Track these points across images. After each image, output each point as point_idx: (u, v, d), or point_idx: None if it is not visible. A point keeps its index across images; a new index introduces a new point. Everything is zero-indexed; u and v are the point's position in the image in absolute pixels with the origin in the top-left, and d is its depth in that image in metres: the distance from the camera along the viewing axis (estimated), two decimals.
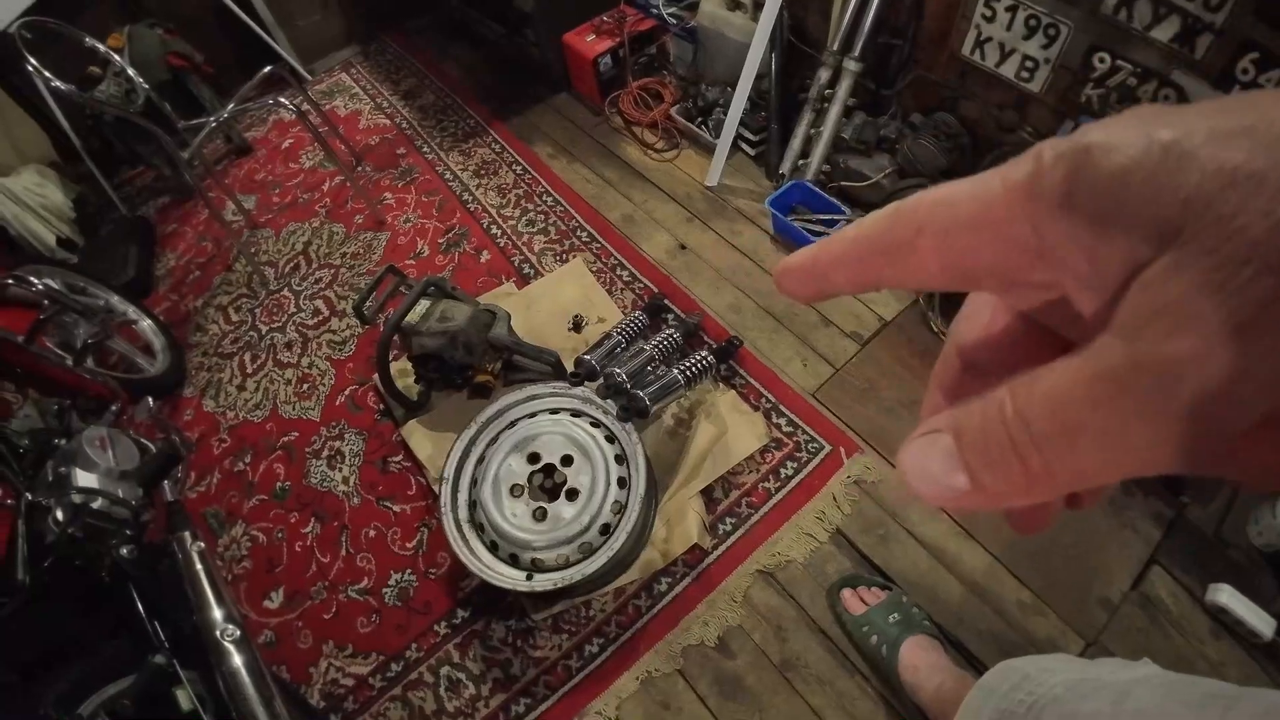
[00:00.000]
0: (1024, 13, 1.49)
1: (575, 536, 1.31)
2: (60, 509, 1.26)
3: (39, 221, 2.47)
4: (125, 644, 1.28)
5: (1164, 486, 1.45)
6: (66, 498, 1.27)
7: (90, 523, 1.26)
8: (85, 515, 1.26)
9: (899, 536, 1.44)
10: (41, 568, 1.20)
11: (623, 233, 2.00)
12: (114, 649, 1.28)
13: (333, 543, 1.63)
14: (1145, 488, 1.45)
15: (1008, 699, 0.68)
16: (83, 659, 1.23)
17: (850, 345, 1.70)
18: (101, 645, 1.29)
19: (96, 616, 1.32)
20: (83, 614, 1.31)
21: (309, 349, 1.98)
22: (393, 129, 2.54)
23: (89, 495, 1.29)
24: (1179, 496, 1.44)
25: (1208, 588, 1.31)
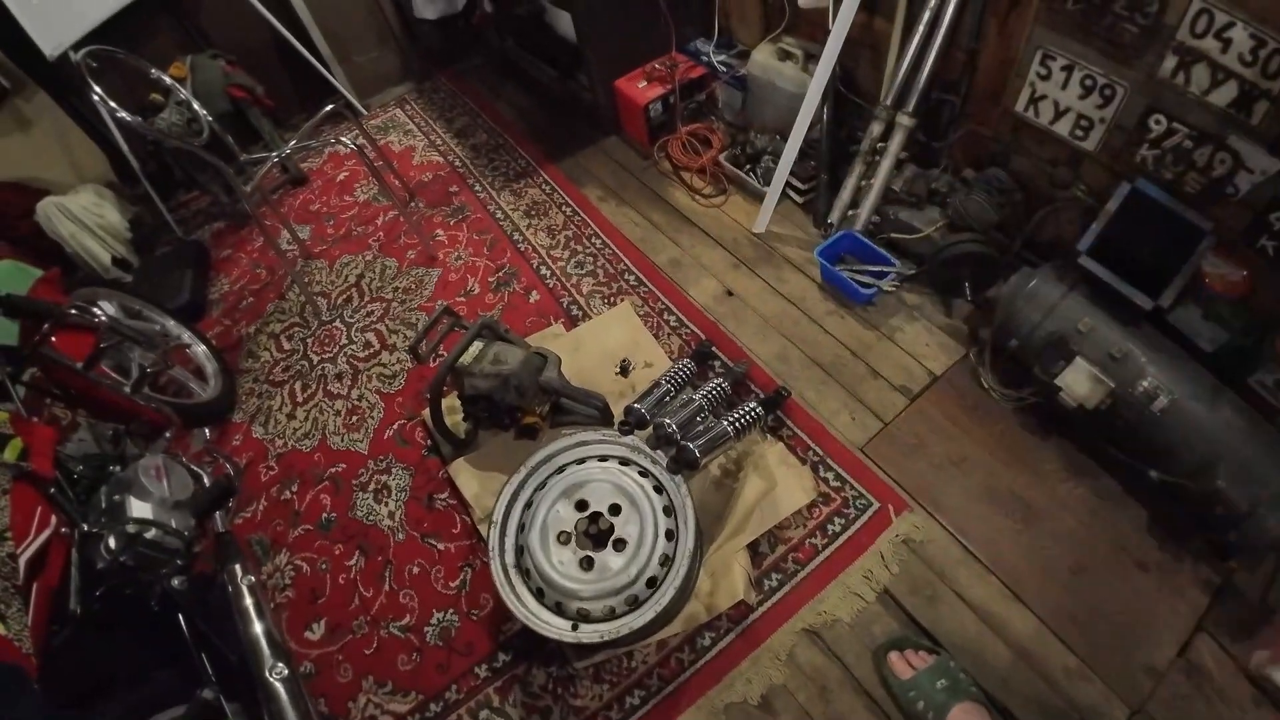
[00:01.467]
0: (1080, 73, 1.49)
1: (622, 588, 1.31)
2: (113, 537, 1.27)
3: (95, 240, 2.55)
4: (174, 674, 1.29)
5: (1213, 552, 1.42)
6: (120, 527, 1.28)
7: (142, 552, 1.27)
8: (138, 544, 1.27)
9: (947, 598, 1.42)
10: (93, 596, 1.21)
11: (670, 277, 2.02)
12: (163, 679, 1.28)
13: (376, 577, 1.64)
14: (1195, 553, 1.42)
15: None
16: (133, 688, 1.24)
17: (899, 399, 1.69)
18: (151, 674, 1.30)
19: (146, 646, 1.32)
20: (133, 643, 1.31)
21: (359, 381, 2.02)
22: (445, 166, 2.60)
23: (142, 525, 1.30)
24: (1226, 562, 1.41)
25: (1253, 656, 1.28)
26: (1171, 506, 1.45)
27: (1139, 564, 1.44)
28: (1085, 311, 1.49)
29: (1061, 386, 1.49)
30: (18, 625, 1.07)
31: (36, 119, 2.59)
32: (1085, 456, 1.57)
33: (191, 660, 1.29)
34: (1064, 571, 1.43)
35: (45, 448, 1.40)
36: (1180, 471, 1.39)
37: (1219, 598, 1.37)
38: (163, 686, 1.27)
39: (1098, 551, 1.45)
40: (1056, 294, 1.53)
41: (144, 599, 1.28)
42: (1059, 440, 1.59)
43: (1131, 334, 1.45)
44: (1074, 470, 1.55)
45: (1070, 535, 1.47)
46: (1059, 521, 1.49)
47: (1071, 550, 1.45)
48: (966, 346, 1.76)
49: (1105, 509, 1.50)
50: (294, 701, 1.22)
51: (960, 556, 1.47)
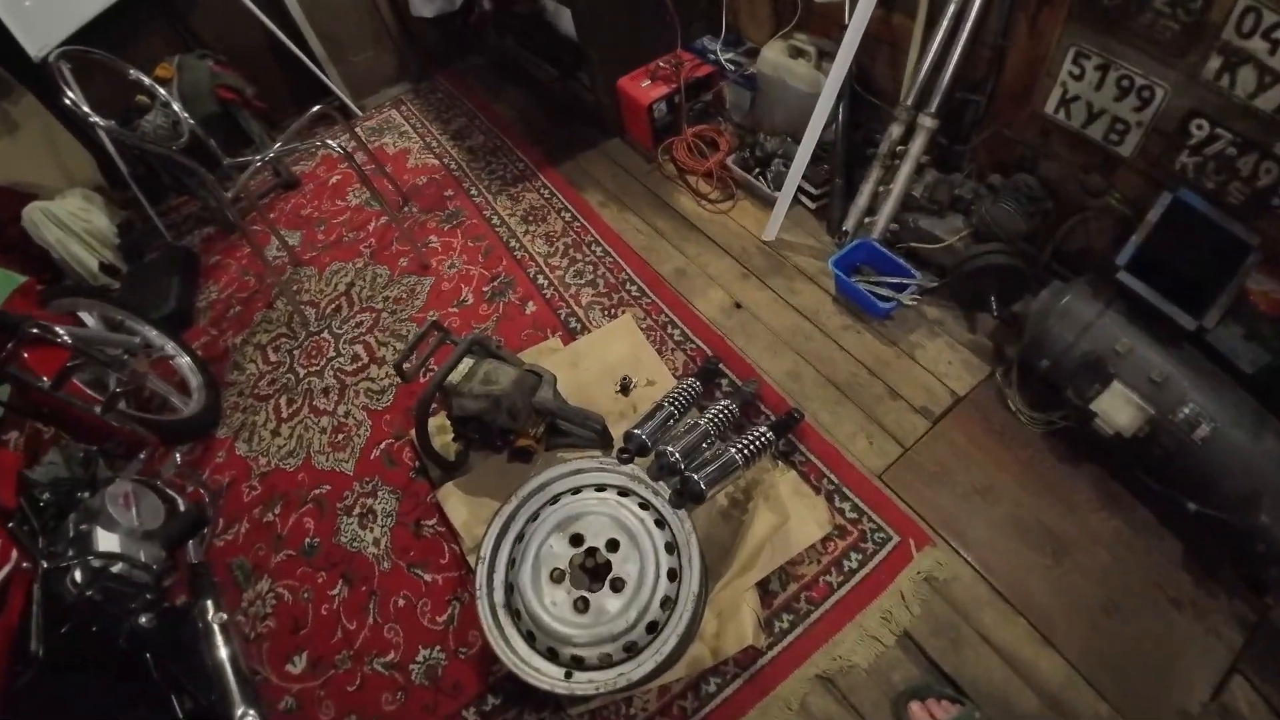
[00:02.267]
0: (1116, 73, 1.38)
1: (620, 634, 1.20)
2: (79, 570, 1.21)
3: (83, 246, 2.46)
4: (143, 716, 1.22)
5: (1249, 588, 1.32)
6: (85, 560, 1.22)
7: (110, 586, 1.21)
8: (105, 579, 1.21)
9: (972, 641, 1.31)
10: (57, 635, 1.13)
11: (675, 288, 1.92)
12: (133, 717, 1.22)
13: (360, 609, 1.55)
14: (1230, 589, 1.33)
15: None
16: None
17: (920, 422, 1.58)
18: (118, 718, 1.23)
19: (114, 687, 1.25)
20: (100, 685, 1.23)
21: (346, 397, 1.92)
22: (441, 170, 2.50)
23: (109, 559, 1.24)
24: (1263, 598, 1.31)
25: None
26: (1208, 540, 1.35)
27: (1173, 601, 1.34)
28: (1123, 331, 1.38)
29: (1098, 412, 1.38)
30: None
31: (24, 122, 2.50)
32: (1118, 485, 1.46)
33: (161, 701, 1.22)
34: (1095, 611, 1.33)
35: (7, 475, 1.32)
36: (1220, 504, 1.29)
37: (1255, 636, 1.28)
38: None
39: (1131, 588, 1.35)
40: (1092, 312, 1.42)
41: (111, 637, 1.20)
42: (1090, 468, 1.49)
43: (1172, 356, 1.34)
44: (1106, 501, 1.44)
45: (1102, 571, 1.37)
46: (1090, 556, 1.38)
47: (1103, 587, 1.35)
48: (992, 365, 1.64)
49: (1139, 543, 1.39)
50: None
51: (986, 596, 1.36)
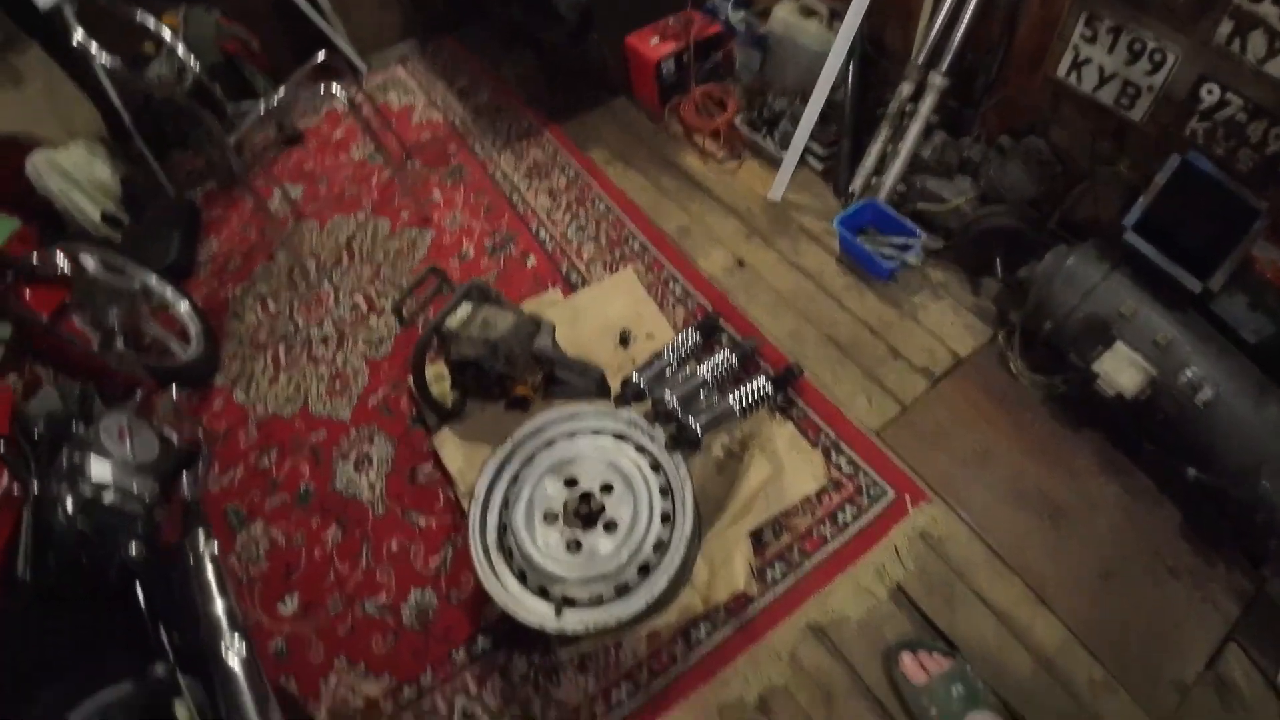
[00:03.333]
0: (1128, 36, 1.36)
1: (611, 574, 1.20)
2: (70, 500, 1.20)
3: (85, 197, 2.45)
4: (126, 649, 1.21)
5: (1247, 559, 1.32)
6: (77, 488, 1.21)
7: (101, 518, 1.20)
8: (96, 509, 1.20)
9: (966, 599, 1.31)
10: (46, 564, 1.14)
11: (678, 245, 1.90)
12: (118, 657, 1.20)
13: (353, 553, 1.55)
14: (1228, 560, 1.32)
15: None
16: (82, 663, 1.16)
17: (920, 381, 1.56)
18: (103, 649, 1.22)
19: (101, 622, 1.24)
20: (86, 618, 1.22)
21: (345, 346, 1.91)
22: (445, 126, 2.48)
23: (101, 488, 1.23)
24: (1259, 568, 1.31)
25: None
26: (1206, 509, 1.34)
27: (1170, 570, 1.33)
28: (1128, 294, 1.37)
29: (1099, 373, 1.37)
30: None
31: (29, 73, 2.48)
32: (1118, 452, 1.45)
33: (147, 638, 1.22)
34: (1092, 575, 1.32)
35: (1, 405, 1.32)
36: (1220, 472, 1.28)
37: (1251, 608, 1.27)
38: (114, 662, 1.18)
39: (1128, 555, 1.34)
40: (1097, 274, 1.41)
41: (101, 571, 1.19)
42: (1090, 433, 1.47)
43: (1177, 320, 1.33)
44: (1106, 467, 1.44)
45: (1100, 538, 1.36)
46: (1089, 522, 1.37)
47: (1101, 554, 1.34)
48: (994, 328, 1.63)
49: (1138, 509, 1.39)
50: (251, 682, 1.12)
51: (982, 556, 1.35)
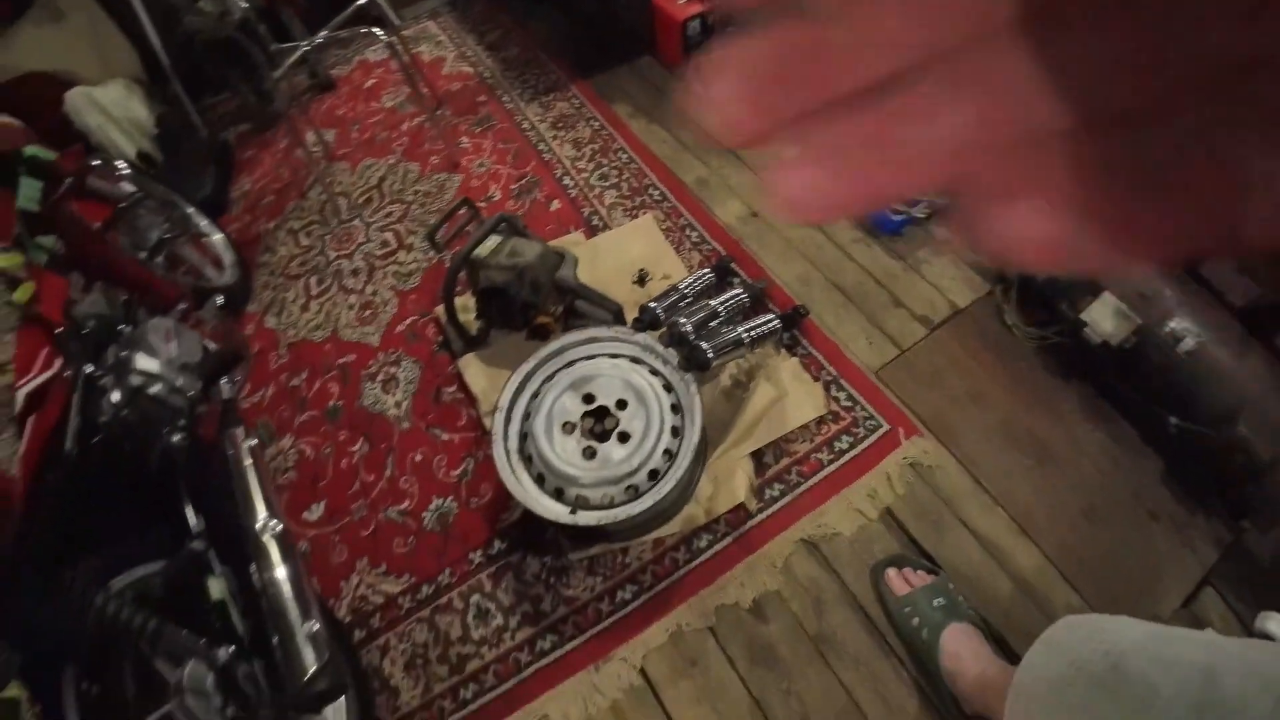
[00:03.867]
0: None
1: (623, 477, 1.29)
2: (117, 390, 1.26)
3: (121, 134, 2.53)
4: (165, 532, 1.29)
5: (1226, 510, 1.40)
6: (124, 379, 1.27)
7: (145, 407, 1.26)
8: (141, 399, 1.26)
9: (952, 525, 1.40)
10: (90, 444, 1.20)
11: (695, 195, 1.99)
12: (154, 536, 1.28)
13: (378, 464, 1.65)
14: (1208, 509, 1.40)
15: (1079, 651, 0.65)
16: (120, 541, 1.24)
17: (919, 328, 1.65)
18: (142, 528, 1.29)
19: (140, 504, 1.32)
20: (127, 499, 1.30)
21: (374, 278, 2.01)
22: (474, 77, 2.56)
23: (147, 379, 1.29)
24: (1239, 521, 1.38)
25: (1258, 615, 1.26)
26: (1189, 460, 1.42)
27: (1151, 513, 1.41)
28: None
29: (1088, 321, 1.46)
30: (7, 450, 1.06)
31: (70, 11, 2.55)
32: (1105, 402, 1.53)
33: (183, 522, 1.29)
34: (1075, 513, 1.41)
35: (56, 296, 1.40)
36: (1201, 418, 1.36)
37: (1228, 555, 1.35)
38: (152, 543, 1.27)
39: (1110, 497, 1.42)
40: None
41: (142, 457, 1.27)
42: (1079, 384, 1.56)
43: (1163, 275, 1.41)
44: (1093, 415, 1.52)
45: (1084, 479, 1.44)
46: (1074, 464, 1.46)
47: (1084, 493, 1.43)
48: (992, 284, 1.71)
49: (1122, 456, 1.47)
50: (285, 557, 1.22)
51: (970, 487, 1.44)
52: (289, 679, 1.10)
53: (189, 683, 1.09)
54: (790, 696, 1.26)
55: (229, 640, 1.17)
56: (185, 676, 1.09)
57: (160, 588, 1.21)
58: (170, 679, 1.10)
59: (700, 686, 1.29)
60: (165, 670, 1.12)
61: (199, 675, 1.11)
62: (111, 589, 1.13)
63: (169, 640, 1.10)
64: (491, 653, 1.37)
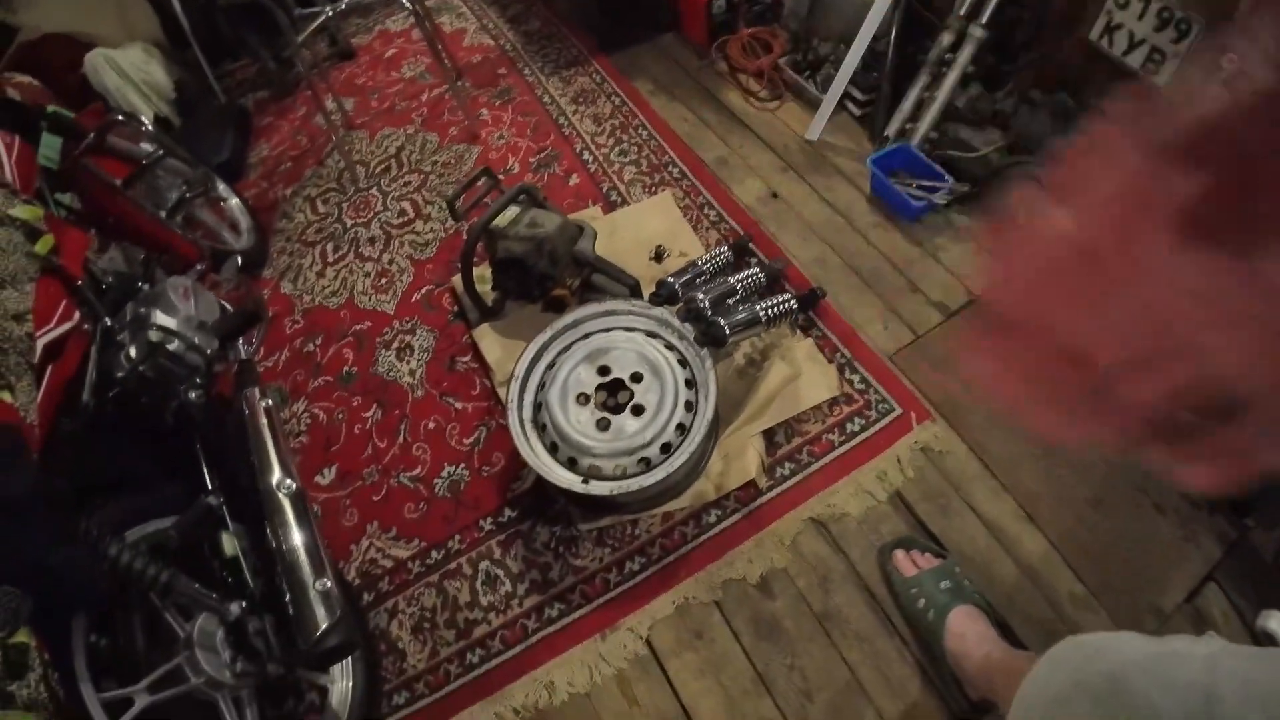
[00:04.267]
0: (1157, 4, 1.43)
1: (636, 449, 1.30)
2: (135, 346, 1.26)
3: (140, 97, 2.53)
4: (180, 487, 1.30)
5: (1231, 507, 1.40)
6: (142, 334, 1.27)
7: (163, 363, 1.26)
8: (159, 355, 1.26)
9: (960, 510, 1.41)
10: (107, 397, 1.21)
11: (715, 174, 1.98)
12: (168, 491, 1.29)
13: (391, 430, 1.66)
14: (1213, 505, 1.39)
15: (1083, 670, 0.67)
16: (135, 493, 1.24)
17: (935, 314, 1.65)
18: (157, 481, 1.30)
19: (156, 457, 1.32)
20: (142, 452, 1.31)
21: (391, 246, 2.01)
22: (496, 50, 2.55)
23: (166, 336, 1.28)
24: (1244, 519, 1.38)
25: (1259, 613, 1.27)
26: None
27: (1157, 506, 1.41)
28: None
29: None
30: (25, 398, 1.06)
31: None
32: None
33: (198, 478, 1.30)
34: (1081, 502, 1.41)
35: (76, 249, 1.39)
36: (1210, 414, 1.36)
37: (1232, 552, 1.35)
38: (167, 497, 1.28)
39: (1117, 488, 1.42)
40: None
41: (159, 412, 1.28)
42: None
43: None
44: None
45: (1091, 468, 1.44)
46: (1082, 454, 1.46)
47: (1091, 483, 1.42)
48: None
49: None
50: (298, 514, 1.23)
51: (978, 472, 1.44)
52: (300, 635, 1.11)
53: (199, 637, 1.11)
54: (793, 671, 1.27)
55: (240, 596, 1.19)
56: (196, 631, 1.11)
57: (175, 541, 1.22)
58: (181, 632, 1.12)
59: (705, 658, 1.30)
60: (175, 624, 1.14)
61: (209, 629, 1.13)
62: (126, 540, 1.15)
63: (181, 593, 1.12)
64: (499, 619, 1.39)
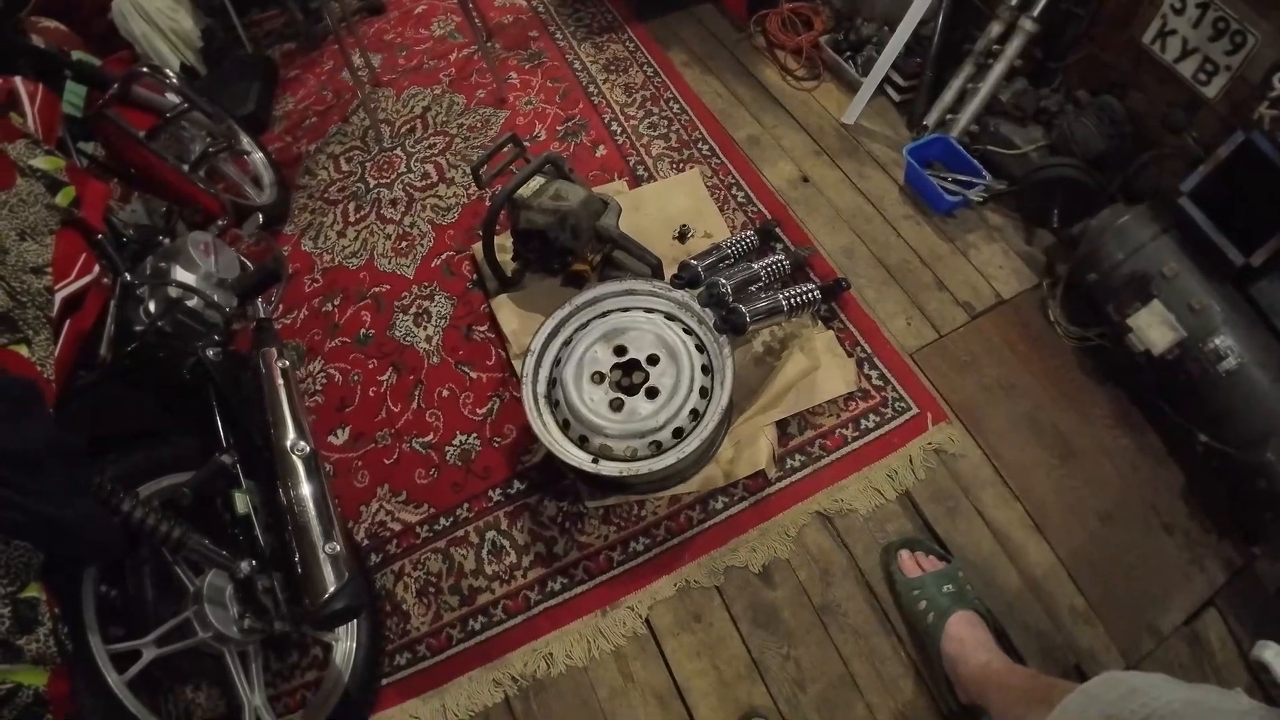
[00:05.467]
0: (1214, 13, 1.37)
1: (648, 432, 1.30)
2: (154, 301, 1.27)
3: (166, 44, 2.51)
4: (194, 445, 1.30)
5: (1241, 534, 1.38)
6: (162, 290, 1.28)
7: (181, 319, 1.27)
8: (177, 311, 1.26)
9: (968, 514, 1.40)
10: (124, 350, 1.21)
11: (746, 153, 1.94)
12: (183, 446, 1.29)
13: (405, 395, 1.67)
14: (1221, 530, 1.39)
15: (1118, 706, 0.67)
16: (150, 447, 1.25)
17: (960, 314, 1.62)
18: (172, 440, 1.31)
19: (171, 412, 1.32)
20: (158, 406, 1.31)
21: (413, 209, 2.00)
22: (528, 11, 2.50)
23: (185, 292, 1.29)
24: (1252, 547, 1.37)
25: (1255, 643, 1.26)
26: (1211, 479, 1.40)
27: (1165, 526, 1.40)
28: (1173, 256, 1.40)
29: (1133, 328, 1.42)
30: (42, 352, 1.06)
31: None
32: (1136, 410, 1.50)
33: (213, 435, 1.31)
34: (1091, 516, 1.40)
35: (97, 201, 1.37)
36: (1230, 439, 1.33)
37: (1236, 579, 1.34)
38: (181, 453, 1.28)
39: (1128, 504, 1.41)
40: (1147, 234, 1.44)
41: (175, 367, 1.28)
42: (1113, 389, 1.53)
43: (1215, 290, 1.36)
44: (1122, 421, 1.50)
45: (1104, 483, 1.43)
46: (1096, 467, 1.44)
47: (1102, 498, 1.41)
48: (1041, 277, 1.67)
49: (1145, 465, 1.45)
50: (310, 476, 1.24)
51: (990, 477, 1.44)
52: (308, 596, 1.13)
53: (208, 592, 1.13)
54: (788, 660, 1.29)
55: (250, 553, 1.21)
56: (205, 586, 1.13)
57: (188, 498, 1.23)
58: (190, 587, 1.14)
59: (702, 641, 1.32)
60: (185, 578, 1.16)
61: (218, 585, 1.14)
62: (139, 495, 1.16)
63: (192, 549, 1.13)
64: (502, 588, 1.41)
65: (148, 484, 1.21)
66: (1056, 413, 1.51)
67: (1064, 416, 1.50)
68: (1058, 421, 1.50)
